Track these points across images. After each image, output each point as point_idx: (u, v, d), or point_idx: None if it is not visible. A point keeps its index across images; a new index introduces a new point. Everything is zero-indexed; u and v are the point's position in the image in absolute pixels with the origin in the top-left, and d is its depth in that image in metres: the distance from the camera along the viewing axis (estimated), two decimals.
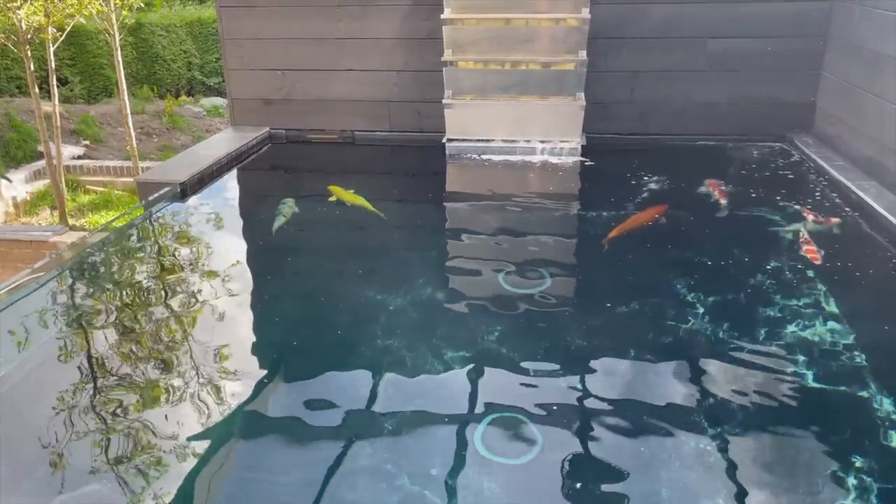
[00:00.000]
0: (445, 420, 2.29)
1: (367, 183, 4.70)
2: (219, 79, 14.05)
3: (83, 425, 2.25)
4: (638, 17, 4.93)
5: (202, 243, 3.72)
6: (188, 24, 14.08)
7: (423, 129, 5.35)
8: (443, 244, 3.86)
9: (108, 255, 3.57)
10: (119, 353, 2.67)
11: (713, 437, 2.16)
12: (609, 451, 2.16)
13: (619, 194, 4.21)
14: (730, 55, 4.93)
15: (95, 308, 3.05)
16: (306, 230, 3.93)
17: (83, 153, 10.55)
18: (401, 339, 2.74)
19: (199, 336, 2.79)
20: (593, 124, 5.05)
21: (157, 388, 2.46)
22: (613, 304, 2.98)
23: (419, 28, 5.12)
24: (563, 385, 2.47)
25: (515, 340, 2.72)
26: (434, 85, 5.07)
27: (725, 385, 2.43)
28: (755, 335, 2.69)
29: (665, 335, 2.74)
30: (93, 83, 13.16)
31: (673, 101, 5.09)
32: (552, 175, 4.65)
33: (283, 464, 2.14)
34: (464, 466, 2.06)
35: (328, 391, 2.51)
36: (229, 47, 5.42)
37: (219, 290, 3.16)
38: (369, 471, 2.08)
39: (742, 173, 4.47)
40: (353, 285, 3.25)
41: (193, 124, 12.19)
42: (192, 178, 4.32)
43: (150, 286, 3.25)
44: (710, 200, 4.03)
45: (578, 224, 4.10)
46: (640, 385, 2.46)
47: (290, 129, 5.52)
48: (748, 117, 5.04)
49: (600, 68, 4.97)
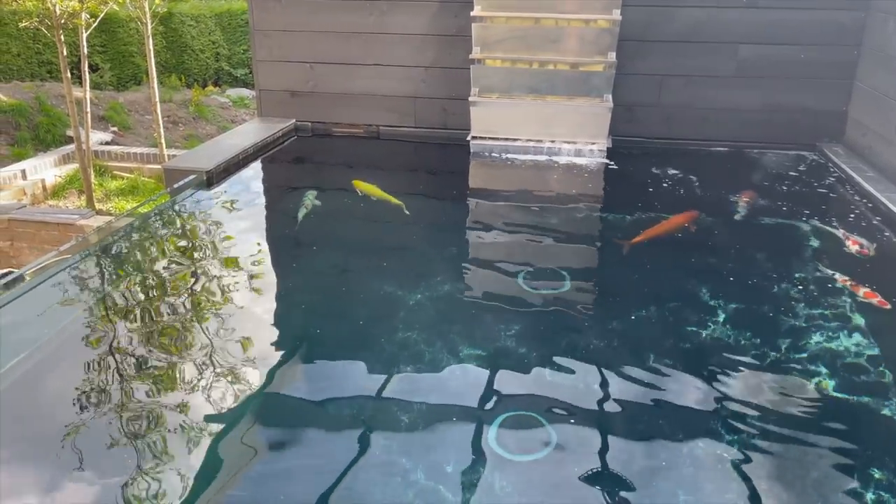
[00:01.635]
0: (461, 416, 2.29)
1: (391, 178, 4.70)
2: (245, 70, 14.17)
3: (103, 407, 2.28)
4: (668, 20, 4.89)
5: (225, 231, 3.75)
6: (217, 16, 14.22)
7: (447, 125, 5.35)
8: (463, 241, 3.86)
9: (133, 240, 3.61)
10: (140, 337, 2.70)
11: (731, 445, 2.14)
12: (624, 454, 2.15)
13: (643, 198, 4.18)
14: (760, 62, 4.87)
15: (119, 291, 3.09)
16: (328, 222, 3.95)
17: (111, 139, 10.70)
18: (419, 333, 2.74)
19: (219, 323, 2.81)
20: (619, 127, 5.02)
21: (176, 373, 2.48)
22: (633, 308, 2.96)
23: (448, 25, 5.12)
24: (580, 387, 2.46)
25: (533, 340, 2.71)
26: (460, 82, 5.07)
27: (745, 393, 2.41)
28: (777, 345, 2.66)
29: (685, 341, 2.71)
30: (122, 70, 13.33)
31: (701, 107, 5.04)
32: (576, 176, 4.63)
33: (299, 454, 2.15)
34: (478, 463, 2.06)
35: (345, 383, 2.52)
36: (258, 39, 5.46)
37: (240, 279, 3.19)
38: (384, 465, 2.08)
39: (770, 182, 4.42)
40: (373, 279, 3.26)
41: (219, 115, 12.30)
42: (218, 167, 4.35)
43: (172, 272, 3.28)
44: (737, 209, 3.99)
45: (601, 227, 4.08)
46: (658, 390, 2.44)
47: (316, 122, 5.55)
48: (777, 125, 4.98)
49: (628, 71, 4.94)
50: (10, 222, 7.31)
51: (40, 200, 8.93)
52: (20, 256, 7.38)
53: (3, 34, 12.27)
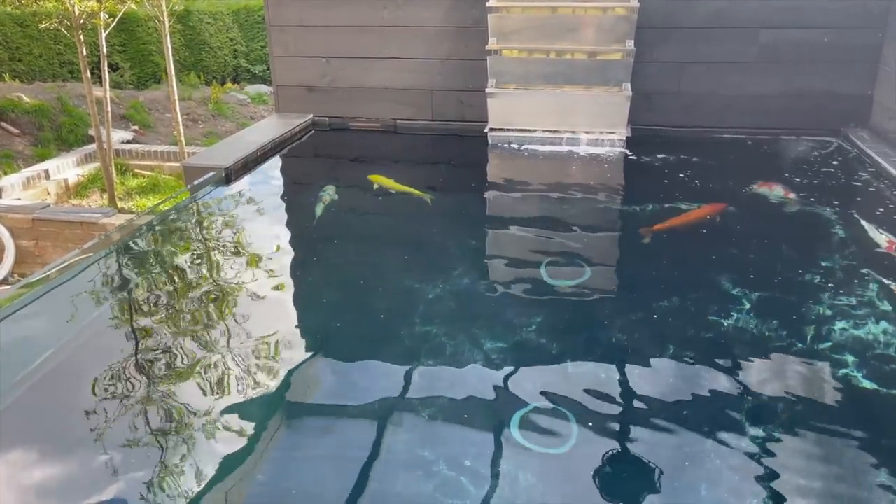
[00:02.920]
0: (482, 409, 2.28)
1: (409, 171, 4.70)
2: (263, 66, 14.22)
3: (126, 401, 2.30)
4: (688, 6, 4.82)
5: (244, 227, 3.77)
6: (235, 13, 14.28)
7: (465, 118, 5.33)
8: (483, 234, 3.84)
9: (155, 237, 3.65)
10: (162, 332, 2.72)
11: (756, 437, 2.11)
12: (648, 446, 2.13)
13: (663, 188, 4.14)
14: (782, 46, 4.79)
15: (141, 288, 3.11)
16: (347, 217, 3.95)
17: (132, 138, 10.79)
18: (440, 326, 2.73)
19: (240, 318, 2.82)
20: (639, 115, 4.97)
21: (197, 368, 2.50)
22: (655, 298, 2.93)
23: (464, 16, 5.09)
24: (603, 378, 2.44)
25: (555, 332, 2.69)
26: (477, 74, 5.04)
27: (770, 384, 2.37)
28: (803, 334, 2.62)
29: (708, 331, 2.68)
30: (142, 69, 13.44)
31: (722, 94, 4.97)
32: (596, 166, 4.59)
33: (321, 446, 2.16)
34: (500, 455, 2.05)
35: (367, 376, 2.52)
36: (275, 34, 5.47)
37: (260, 274, 3.20)
38: (406, 457, 2.08)
39: (795, 169, 4.35)
40: (393, 272, 3.26)
41: (238, 111, 12.37)
42: (237, 164, 4.37)
43: (193, 268, 3.30)
44: (763, 199, 3.92)
45: (621, 217, 4.04)
46: (681, 381, 2.41)
47: (333, 117, 5.55)
48: (801, 111, 4.90)
49: (647, 59, 4.88)
50: (34, 221, 7.41)
51: (63, 200, 9.05)
52: (45, 255, 7.49)
53: (25, 36, 12.43)
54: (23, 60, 12.50)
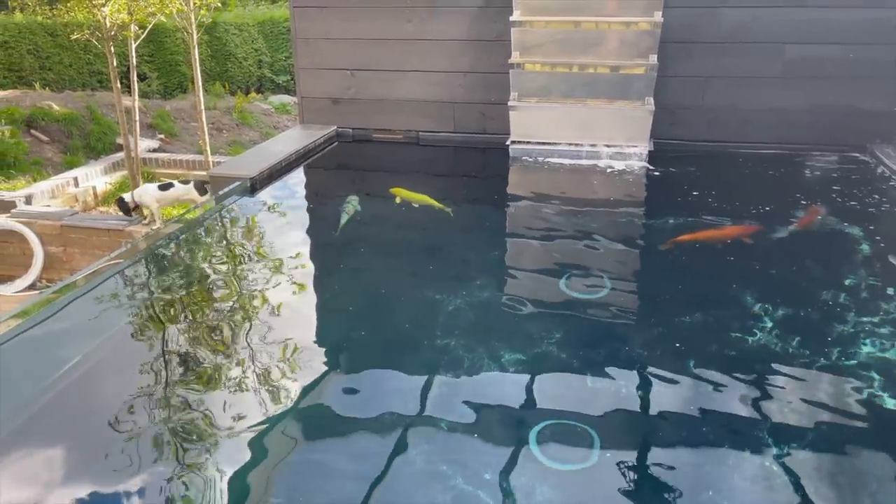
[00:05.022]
0: (501, 422, 2.28)
1: (431, 183, 4.73)
2: (287, 77, 14.40)
3: (149, 408, 2.34)
4: (712, 21, 4.82)
5: (269, 237, 3.82)
6: (260, 24, 14.47)
7: (486, 130, 5.36)
8: (504, 246, 3.85)
9: (181, 246, 3.70)
10: (185, 340, 2.76)
11: (778, 456, 2.09)
12: (668, 464, 2.12)
13: (685, 203, 4.13)
14: (807, 62, 4.77)
15: (166, 296, 3.16)
16: (370, 227, 3.99)
17: (158, 146, 10.96)
18: (459, 338, 2.74)
19: (263, 327, 2.86)
20: (662, 130, 4.96)
21: (219, 375, 2.53)
22: (677, 313, 2.92)
23: (487, 30, 5.13)
24: (623, 393, 2.43)
25: (575, 346, 2.69)
26: (499, 87, 5.07)
27: (794, 403, 2.35)
28: (827, 353, 2.59)
29: (730, 348, 2.66)
30: (169, 79, 13.66)
31: (746, 108, 4.95)
32: (617, 180, 4.59)
33: (339, 456, 2.17)
34: (518, 470, 2.05)
35: (386, 386, 2.53)
36: (301, 46, 5.54)
37: (283, 283, 3.24)
38: (423, 469, 2.09)
39: (820, 185, 4.32)
40: (414, 283, 3.28)
41: (262, 121, 12.51)
42: (262, 174, 4.43)
43: (218, 277, 3.35)
44: (790, 216, 3.89)
45: (643, 231, 4.03)
46: (703, 398, 2.40)
47: (357, 128, 5.61)
48: (826, 126, 4.86)
49: (670, 73, 4.88)
50: (62, 228, 7.55)
51: (91, 207, 9.20)
52: (72, 261, 7.62)
53: (56, 45, 12.69)
54: (53, 69, 12.76)
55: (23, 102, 10.76)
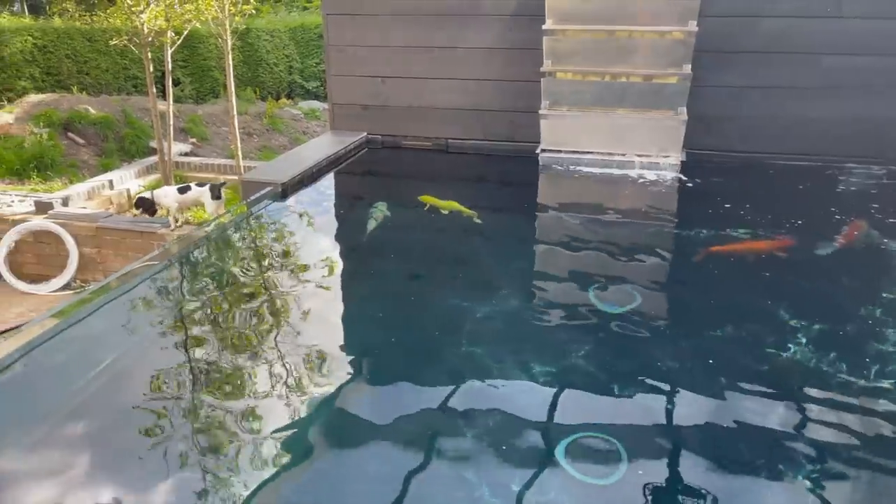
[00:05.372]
0: (529, 434, 2.26)
1: (459, 190, 4.72)
2: (317, 83, 14.53)
3: (177, 412, 2.36)
4: (748, 31, 4.75)
5: (299, 242, 3.85)
6: (291, 30, 14.66)
7: (515, 138, 5.34)
8: (533, 255, 3.83)
9: (212, 250, 3.74)
10: (214, 344, 2.78)
11: (813, 474, 2.04)
12: (697, 480, 2.08)
13: (718, 214, 4.07)
14: (846, 73, 4.68)
15: (197, 300, 3.20)
16: (398, 234, 4.00)
17: (190, 150, 11.13)
18: (486, 347, 2.73)
19: (291, 331, 2.87)
20: (695, 140, 4.90)
21: (246, 380, 2.55)
22: (708, 326, 2.88)
23: (517, 38, 5.12)
24: (653, 407, 2.40)
25: (604, 358, 2.66)
26: (528, 95, 5.05)
27: (827, 421, 2.30)
28: (863, 370, 2.53)
29: (763, 363, 2.61)
30: (202, 84, 13.88)
31: (781, 120, 4.87)
32: (649, 190, 4.54)
33: (364, 464, 2.17)
34: (545, 482, 2.03)
35: (412, 395, 2.53)
36: (333, 54, 5.59)
37: (312, 288, 3.26)
38: (449, 478, 2.08)
39: (858, 199, 4.23)
40: (441, 291, 3.28)
41: (291, 126, 12.64)
42: (293, 180, 4.47)
43: (247, 281, 3.38)
44: (829, 231, 3.81)
45: (674, 242, 3.98)
46: (733, 414, 2.35)
47: (386, 135, 5.63)
48: (863, 139, 4.76)
49: (704, 83, 4.82)
50: (97, 230, 7.69)
51: (125, 209, 9.37)
52: (106, 262, 7.76)
53: (93, 50, 12.96)
54: (90, 74, 13.04)
55: (60, 106, 11.01)
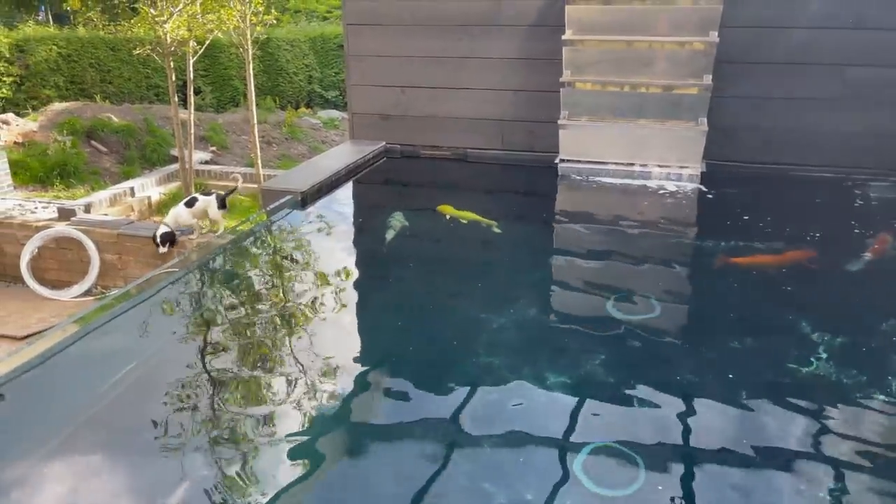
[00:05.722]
0: (545, 444, 2.26)
1: (478, 200, 4.73)
2: (336, 92, 14.63)
3: (195, 418, 2.38)
4: (770, 41, 4.72)
5: (317, 250, 3.87)
6: (311, 40, 14.78)
7: (534, 148, 5.34)
8: (551, 265, 3.83)
9: (231, 258, 3.78)
10: (232, 352, 2.80)
11: (832, 490, 2.02)
12: (716, 493, 2.06)
13: (738, 226, 4.04)
14: (869, 84, 4.63)
15: (218, 306, 3.23)
16: (417, 243, 4.01)
17: (210, 158, 11.25)
18: (503, 358, 2.73)
19: (309, 339, 2.89)
20: (715, 151, 4.87)
21: (266, 385, 2.57)
22: (727, 338, 2.85)
23: (537, 48, 5.12)
24: (670, 419, 2.38)
25: (621, 369, 2.65)
26: (547, 105, 5.05)
27: (848, 434, 2.28)
28: (886, 385, 2.49)
29: (783, 376, 2.58)
30: (222, 93, 14.04)
31: (803, 131, 4.83)
32: (668, 201, 4.52)
33: (380, 472, 2.17)
34: (562, 492, 2.02)
35: (428, 405, 2.53)
36: (353, 63, 5.63)
37: (330, 296, 3.27)
38: (466, 489, 2.08)
39: (880, 212, 4.18)
40: (458, 301, 3.28)
41: (310, 135, 12.74)
42: (312, 188, 4.50)
43: (266, 289, 3.40)
44: (851, 245, 3.77)
45: (693, 254, 3.96)
46: (752, 426, 2.33)
47: (405, 145, 5.65)
48: (886, 151, 4.71)
49: (725, 93, 4.80)
50: (119, 236, 7.78)
51: (146, 217, 9.48)
52: (127, 268, 7.84)
53: (116, 59, 13.17)
54: (113, 83, 13.24)
55: (84, 114, 11.18)
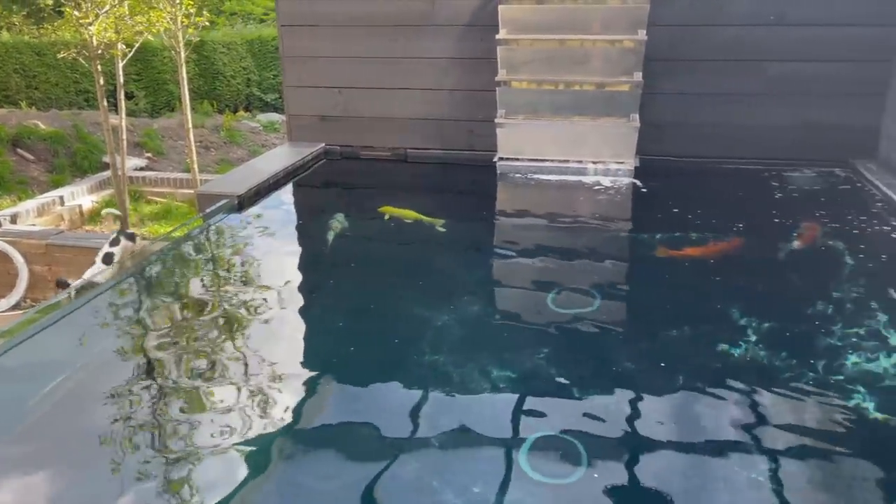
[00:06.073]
0: (491, 438, 2.28)
1: (419, 200, 4.73)
2: (275, 95, 14.42)
3: (135, 428, 2.31)
4: (695, 39, 4.89)
5: (256, 254, 3.81)
6: (248, 42, 14.52)
7: (474, 147, 5.38)
8: (492, 263, 3.86)
9: (168, 264, 3.69)
10: (174, 359, 2.74)
11: (766, 469, 2.09)
12: (657, 476, 2.12)
13: (672, 218, 4.16)
14: (791, 79, 4.84)
15: (154, 314, 3.14)
16: (359, 244, 3.99)
17: (145, 165, 10.94)
18: (448, 355, 2.74)
19: (250, 345, 2.84)
20: (647, 146, 5.00)
21: (206, 394, 2.51)
22: (664, 327, 2.93)
23: (474, 48, 5.17)
24: (611, 408, 2.44)
25: (563, 361, 2.69)
26: (486, 104, 5.10)
27: (780, 415, 2.37)
28: (813, 365, 2.61)
29: (717, 361, 2.68)
30: (157, 98, 13.66)
31: (730, 125, 5.01)
32: (604, 196, 4.62)
33: (327, 475, 2.15)
34: (508, 484, 2.04)
35: (374, 404, 2.52)
36: (288, 65, 5.57)
37: (270, 301, 3.23)
38: (413, 486, 2.08)
39: (806, 200, 4.37)
40: (401, 301, 3.28)
41: (250, 139, 12.52)
42: (249, 192, 4.43)
43: (204, 295, 3.34)
44: (778, 232, 3.92)
45: (630, 247, 4.06)
46: (690, 411, 2.41)
47: (345, 146, 5.62)
48: (809, 142, 4.93)
49: (657, 90, 4.94)
50: (48, 247, 7.49)
51: (77, 226, 9.15)
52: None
53: (42, 64, 12.67)
54: (39, 88, 12.74)
55: (8, 121, 10.72)
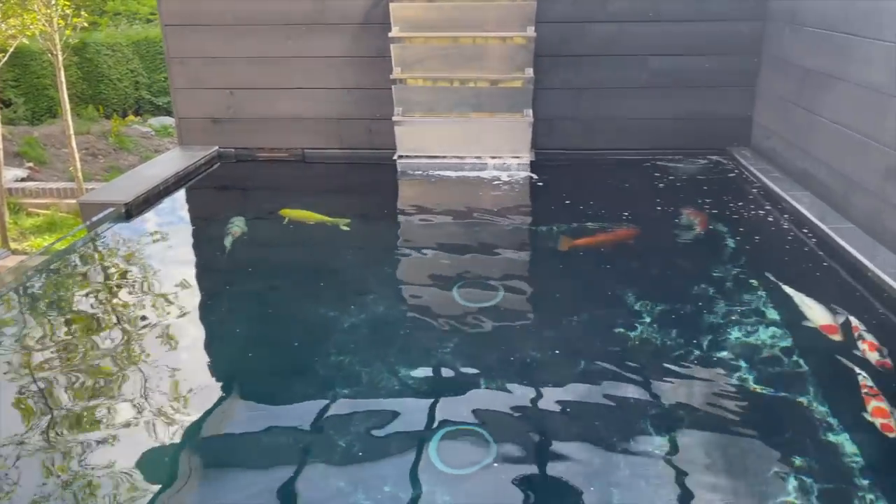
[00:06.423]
0: (400, 435, 2.29)
1: (319, 200, 4.67)
2: (167, 98, 13.83)
3: (25, 450, 2.19)
4: (581, 35, 5.05)
5: (148, 264, 3.66)
6: (135, 43, 13.86)
7: (374, 145, 5.37)
8: (395, 260, 3.87)
9: (51, 278, 3.48)
10: (63, 377, 2.60)
11: (662, 444, 2.21)
12: (562, 459, 2.20)
13: (568, 209, 4.30)
14: (669, 72, 5.09)
15: (37, 332, 2.96)
16: (258, 248, 3.90)
17: (26, 175, 10.27)
18: (355, 355, 2.73)
19: (148, 357, 2.73)
20: (541, 140, 5.15)
21: (104, 411, 2.40)
22: (565, 315, 3.04)
23: (368, 46, 5.15)
24: (517, 396, 2.50)
25: (470, 354, 2.74)
26: (384, 102, 5.10)
27: (674, 392, 2.50)
28: (701, 343, 2.76)
29: (615, 345, 2.79)
30: (37, 104, 12.83)
31: (617, 117, 5.22)
32: (502, 190, 4.72)
33: (236, 484, 2.11)
34: (419, 480, 2.07)
35: (279, 411, 2.49)
36: (175, 66, 5.36)
37: (165, 312, 3.11)
38: (323, 489, 2.07)
39: (690, 187, 4.61)
40: (304, 303, 3.23)
41: (142, 144, 11.97)
42: (138, 199, 4.24)
43: (93, 309, 3.17)
44: (669, 219, 4.11)
45: (530, 238, 4.16)
46: (591, 395, 2.50)
47: (240, 148, 5.48)
48: (689, 132, 5.20)
49: (546, 85, 5.08)
50: None
51: None
52: None
53: None
54: None
55: None
